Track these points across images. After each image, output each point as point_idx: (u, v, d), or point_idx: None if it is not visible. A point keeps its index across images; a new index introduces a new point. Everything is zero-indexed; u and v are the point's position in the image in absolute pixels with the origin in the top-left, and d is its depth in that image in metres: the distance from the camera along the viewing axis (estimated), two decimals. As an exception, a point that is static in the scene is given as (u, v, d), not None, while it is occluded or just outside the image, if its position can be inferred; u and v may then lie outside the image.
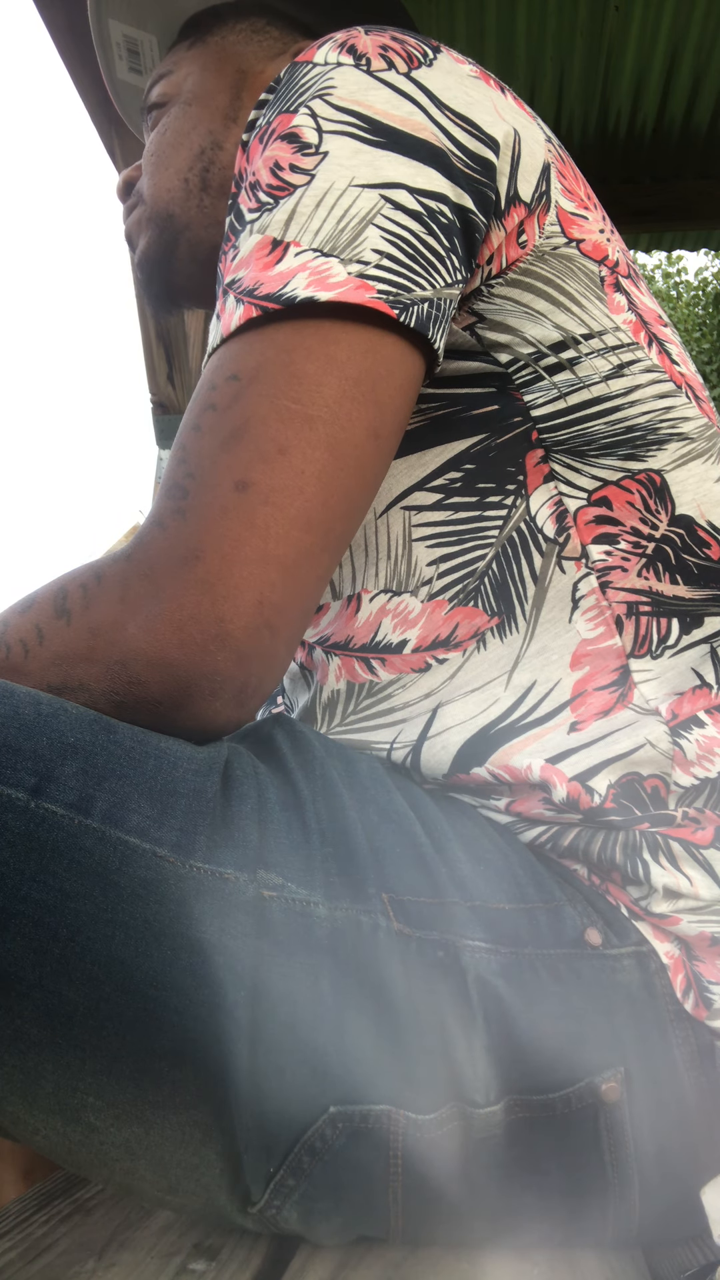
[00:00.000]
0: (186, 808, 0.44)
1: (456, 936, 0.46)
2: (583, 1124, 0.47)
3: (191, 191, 0.72)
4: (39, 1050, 0.41)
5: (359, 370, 0.47)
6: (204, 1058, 0.41)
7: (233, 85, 0.72)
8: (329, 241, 0.47)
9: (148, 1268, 0.47)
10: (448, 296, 0.50)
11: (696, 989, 0.50)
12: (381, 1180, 0.45)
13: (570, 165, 0.57)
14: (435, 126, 0.50)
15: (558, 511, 0.55)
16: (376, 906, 0.46)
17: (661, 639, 0.55)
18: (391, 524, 0.57)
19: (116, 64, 0.84)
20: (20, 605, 0.48)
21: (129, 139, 1.91)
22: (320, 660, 0.60)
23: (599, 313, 0.55)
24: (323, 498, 0.46)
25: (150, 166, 0.74)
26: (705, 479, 0.56)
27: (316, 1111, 0.43)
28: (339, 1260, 0.48)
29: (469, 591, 0.56)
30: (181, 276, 0.76)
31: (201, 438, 0.47)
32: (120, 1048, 0.41)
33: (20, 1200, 0.58)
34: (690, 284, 10.03)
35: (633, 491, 0.55)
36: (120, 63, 0.83)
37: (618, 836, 0.52)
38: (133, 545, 0.46)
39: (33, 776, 0.41)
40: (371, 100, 0.50)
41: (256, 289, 0.48)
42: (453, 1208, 0.46)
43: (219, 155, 0.71)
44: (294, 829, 0.46)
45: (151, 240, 0.75)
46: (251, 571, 0.44)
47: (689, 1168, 0.49)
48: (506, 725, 0.54)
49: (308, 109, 0.50)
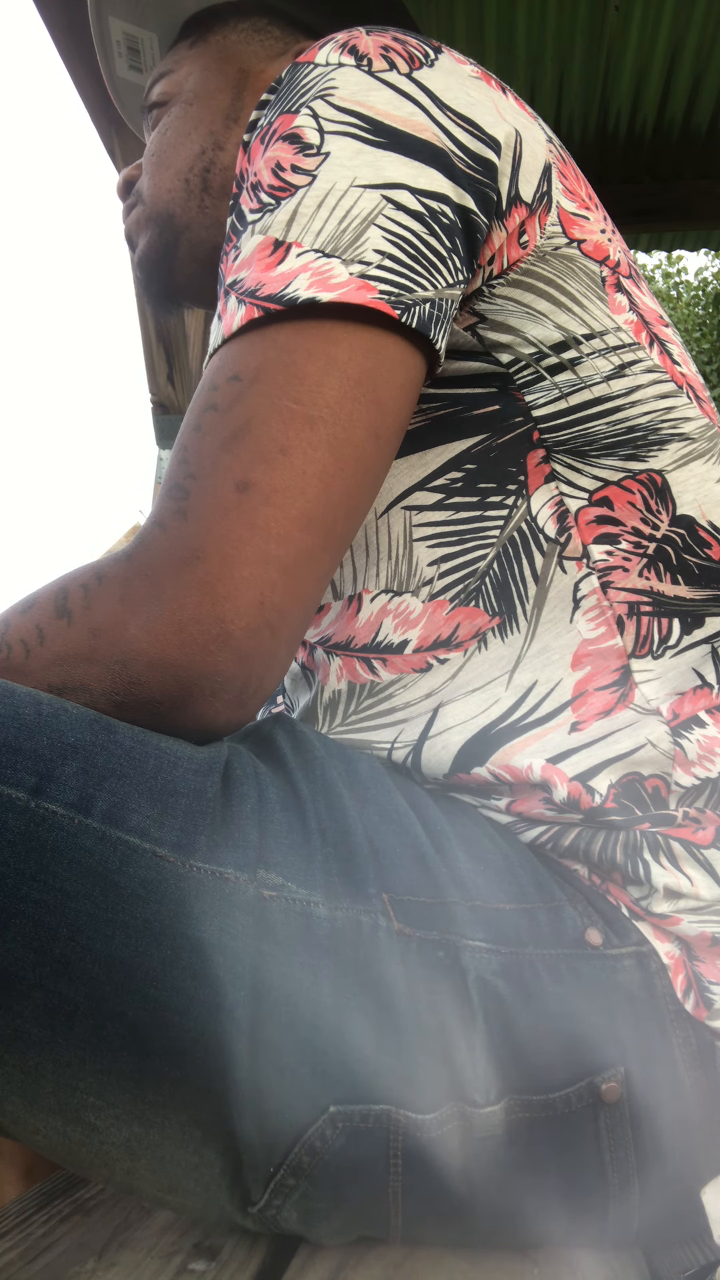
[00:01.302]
0: (187, 807, 0.44)
1: (457, 936, 0.46)
2: (583, 1124, 0.47)
3: (192, 191, 0.72)
4: (39, 1050, 0.41)
5: (360, 370, 0.47)
6: (204, 1057, 0.41)
7: (234, 85, 0.72)
8: (331, 242, 0.47)
9: (148, 1268, 0.47)
10: (449, 297, 0.50)
11: (697, 989, 0.50)
12: (381, 1180, 0.45)
13: (571, 165, 0.57)
14: (437, 127, 0.50)
15: (559, 511, 0.55)
16: (377, 906, 0.46)
17: (662, 639, 0.55)
18: (392, 524, 0.57)
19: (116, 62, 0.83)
20: (21, 605, 0.48)
21: (129, 139, 1.91)
22: (321, 660, 0.60)
23: (600, 313, 0.55)
24: (324, 498, 0.46)
25: (151, 166, 0.74)
26: (706, 479, 0.56)
27: (316, 1111, 0.43)
28: (339, 1260, 0.48)
29: (470, 591, 0.56)
30: (182, 276, 0.76)
31: (203, 438, 0.47)
32: (120, 1047, 0.41)
33: (20, 1200, 0.58)
34: (690, 284, 10.04)
35: (634, 492, 0.55)
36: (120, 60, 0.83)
37: (618, 836, 0.52)
38: (134, 545, 0.46)
39: (33, 776, 0.41)
40: (373, 101, 0.50)
41: (258, 290, 0.48)
42: (453, 1208, 0.46)
43: (220, 155, 0.71)
44: (294, 829, 0.46)
45: (152, 240, 0.75)
46: (252, 572, 0.44)
47: (689, 1168, 0.49)
48: (507, 725, 0.54)
49: (309, 110, 0.50)
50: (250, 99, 0.72)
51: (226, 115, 0.72)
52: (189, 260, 0.74)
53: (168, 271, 0.75)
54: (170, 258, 0.74)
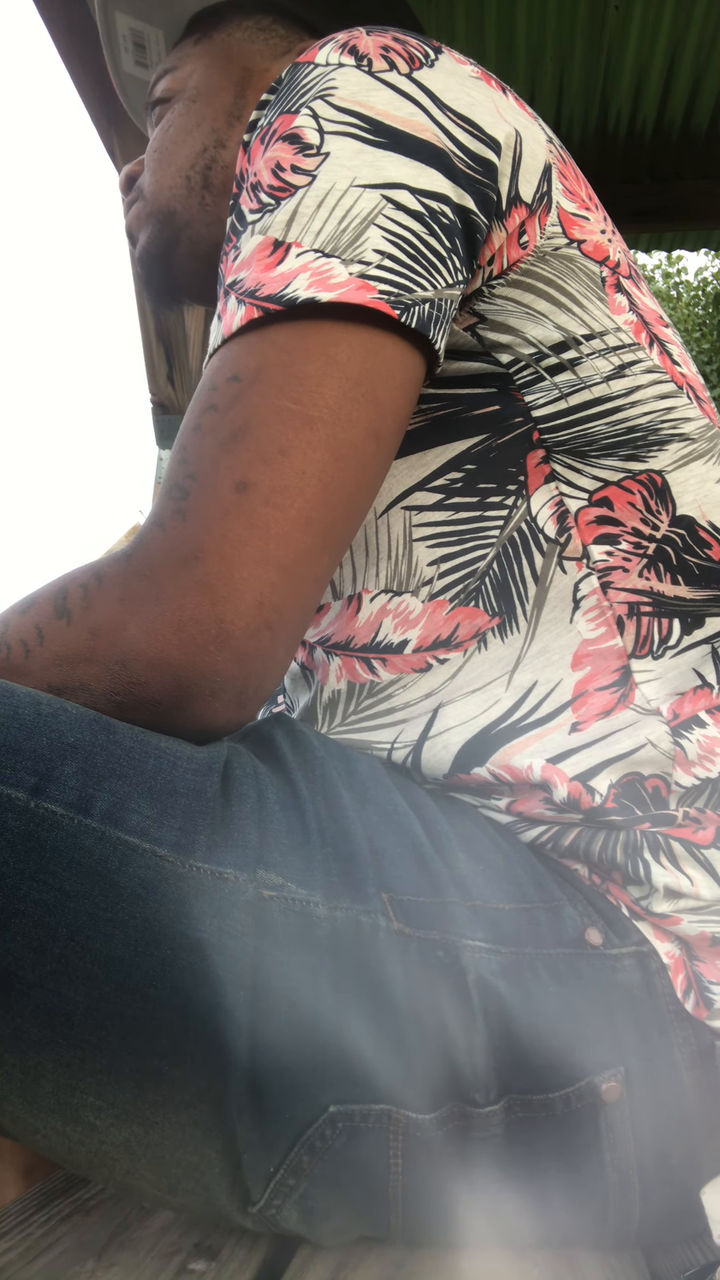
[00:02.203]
0: (186, 807, 0.44)
1: (456, 936, 0.46)
2: (583, 1124, 0.47)
3: (193, 189, 0.72)
4: (39, 1049, 0.41)
5: (359, 371, 0.47)
6: (204, 1057, 0.41)
7: (237, 83, 0.72)
8: (330, 242, 0.47)
9: (148, 1268, 0.47)
10: (449, 297, 0.50)
11: (697, 989, 0.50)
12: (381, 1180, 0.45)
13: (571, 166, 0.57)
14: (437, 127, 0.50)
15: (559, 512, 0.55)
16: (376, 906, 0.46)
17: (663, 639, 0.55)
18: (392, 524, 0.57)
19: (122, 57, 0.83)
20: (21, 605, 0.48)
21: (129, 138, 1.91)
22: (321, 660, 0.60)
23: (600, 313, 0.55)
24: (323, 498, 0.46)
25: (153, 162, 0.74)
26: (706, 480, 0.56)
27: (316, 1111, 0.43)
28: (339, 1260, 0.48)
29: (470, 592, 0.56)
30: (182, 273, 0.76)
31: (202, 438, 0.47)
32: (120, 1047, 0.41)
33: (20, 1200, 0.58)
34: (690, 284, 10.04)
35: (634, 492, 0.55)
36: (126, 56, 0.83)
37: (618, 836, 0.52)
38: (133, 545, 0.46)
39: (32, 776, 0.41)
40: (373, 101, 0.50)
41: (258, 290, 0.48)
42: (453, 1208, 0.46)
43: (222, 153, 0.71)
44: (294, 829, 0.46)
45: (152, 236, 0.75)
46: (251, 572, 0.44)
47: (689, 1168, 0.49)
48: (507, 726, 0.54)
49: (309, 110, 0.50)
50: (253, 97, 0.72)
51: (229, 113, 0.72)
52: (189, 257, 0.74)
53: (168, 268, 0.76)
54: (170, 254, 0.74)
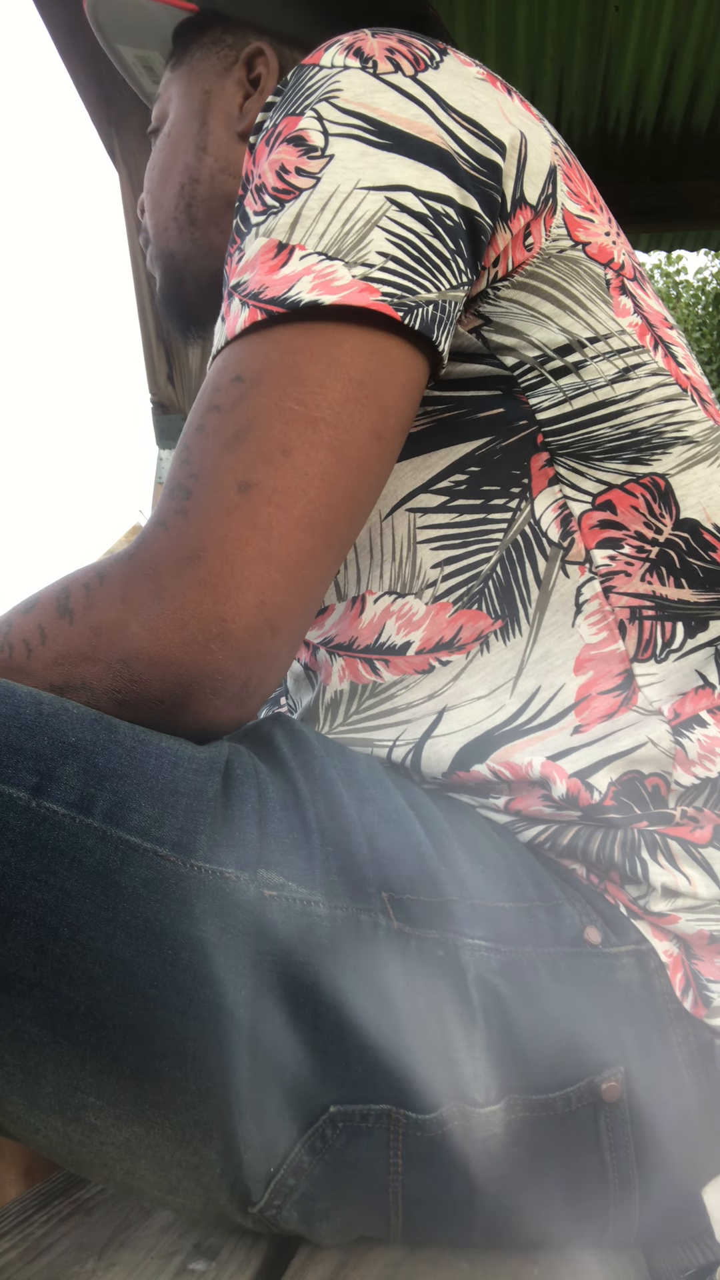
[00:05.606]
0: (187, 807, 0.44)
1: (456, 935, 0.46)
2: (583, 1123, 0.47)
3: (183, 229, 0.74)
4: (40, 1050, 0.41)
5: (362, 372, 0.47)
6: (204, 1057, 0.41)
7: (199, 112, 0.73)
8: (334, 244, 0.47)
9: (148, 1268, 0.47)
10: (453, 299, 0.50)
11: (695, 987, 0.50)
12: (381, 1180, 0.45)
13: (576, 167, 0.57)
14: (441, 129, 0.50)
15: (562, 515, 0.55)
16: (376, 905, 0.46)
17: (666, 643, 0.55)
18: (396, 526, 0.57)
19: (143, 81, 0.85)
20: (23, 605, 0.48)
21: (129, 139, 1.91)
22: (324, 661, 0.60)
23: (605, 316, 0.55)
24: (325, 499, 0.46)
25: (149, 205, 0.77)
26: (710, 482, 0.56)
27: (316, 1111, 0.43)
28: (339, 1260, 0.48)
29: (473, 594, 0.56)
30: (197, 307, 0.78)
31: (205, 438, 0.47)
32: (121, 1047, 0.41)
33: (20, 1200, 0.58)
34: (690, 284, 10.05)
35: (637, 495, 0.55)
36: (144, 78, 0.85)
37: (616, 835, 0.52)
38: (136, 545, 0.46)
39: (34, 776, 0.41)
40: (378, 103, 0.50)
41: (261, 292, 0.48)
42: (453, 1208, 0.46)
43: (197, 189, 0.73)
44: (294, 828, 0.47)
45: (162, 280, 0.77)
46: (253, 571, 0.45)
47: (689, 1167, 0.49)
48: (510, 729, 0.54)
49: (314, 112, 0.50)
50: (215, 122, 0.72)
51: (197, 146, 0.73)
52: (196, 290, 0.76)
53: (182, 305, 0.78)
54: (180, 293, 0.77)
